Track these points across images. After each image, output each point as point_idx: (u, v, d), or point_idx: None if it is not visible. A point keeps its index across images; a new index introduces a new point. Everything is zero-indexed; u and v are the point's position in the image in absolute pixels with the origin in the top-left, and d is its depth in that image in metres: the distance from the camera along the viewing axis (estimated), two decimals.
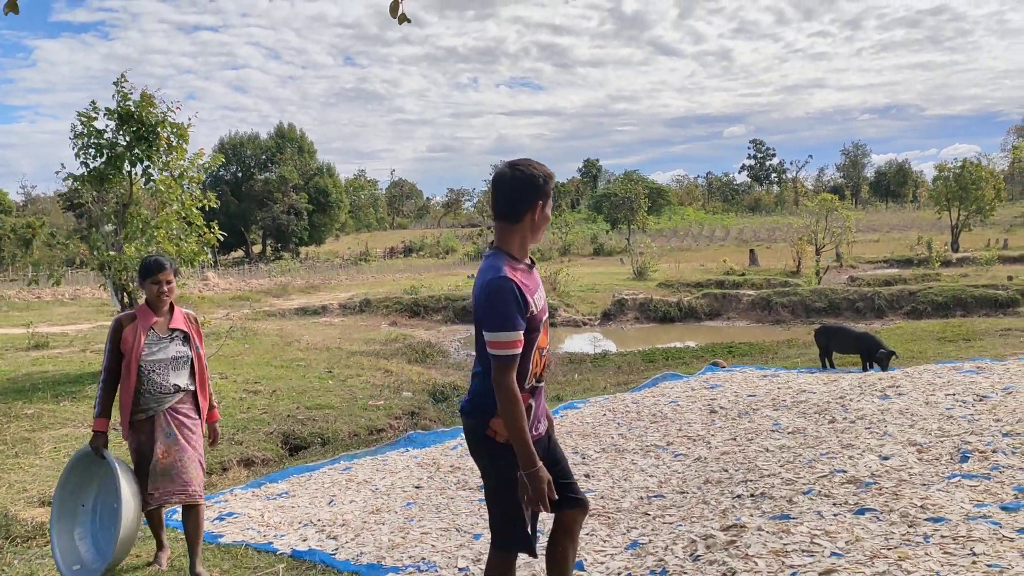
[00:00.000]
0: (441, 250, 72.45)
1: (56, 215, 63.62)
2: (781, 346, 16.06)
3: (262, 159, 71.05)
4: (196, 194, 11.94)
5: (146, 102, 11.43)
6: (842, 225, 36.03)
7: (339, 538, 4.87)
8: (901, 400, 6.60)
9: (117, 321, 4.30)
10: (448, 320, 24.55)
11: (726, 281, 28.62)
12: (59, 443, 8.14)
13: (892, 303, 22.18)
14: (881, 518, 3.91)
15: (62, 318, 22.31)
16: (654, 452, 6.21)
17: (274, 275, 44.21)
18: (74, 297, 29.69)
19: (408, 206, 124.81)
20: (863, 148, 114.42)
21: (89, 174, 11.60)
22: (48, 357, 14.08)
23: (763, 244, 57.87)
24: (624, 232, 71.13)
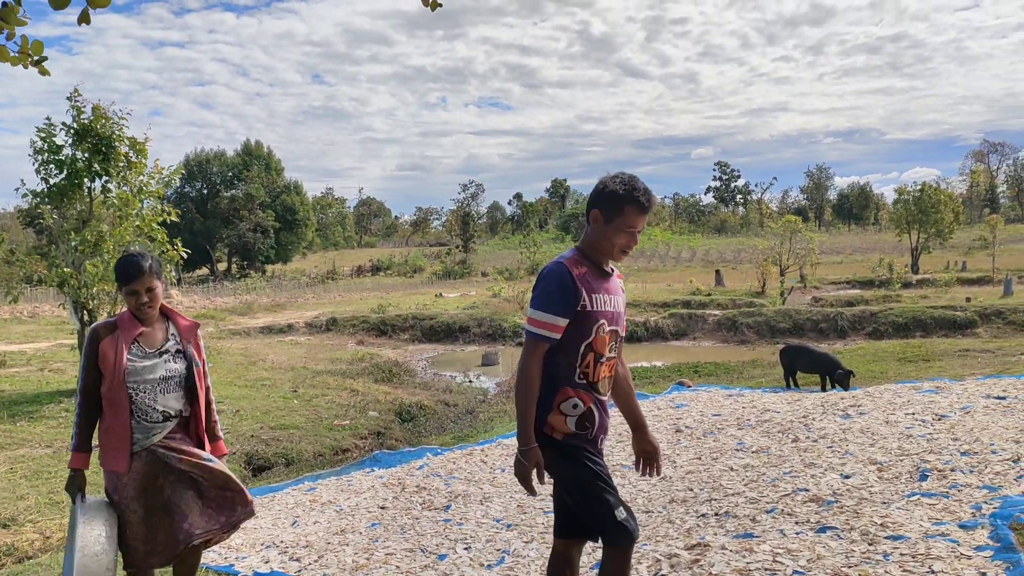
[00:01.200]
0: (409, 269, 72.28)
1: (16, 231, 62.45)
2: (746, 366, 16.20)
3: (228, 176, 70.44)
4: (157, 208, 11.81)
5: (98, 115, 11.31)
6: (806, 247, 36.59)
7: (302, 560, 4.81)
8: (862, 419, 6.69)
9: (94, 331, 3.44)
10: (415, 339, 24.45)
11: (692, 301, 28.84)
12: (15, 463, 7.96)
13: (854, 324, 22.50)
14: (842, 536, 3.96)
15: (20, 336, 21.85)
16: (620, 471, 6.22)
17: (239, 293, 43.75)
18: (33, 315, 29.11)
19: (376, 224, 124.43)
20: (826, 171, 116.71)
21: (50, 190, 11.44)
22: (5, 376, 13.78)
23: (729, 265, 58.52)
24: None
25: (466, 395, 14.50)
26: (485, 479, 6.46)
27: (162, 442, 3.42)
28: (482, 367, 19.21)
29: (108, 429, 3.40)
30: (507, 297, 29.83)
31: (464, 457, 7.42)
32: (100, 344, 3.40)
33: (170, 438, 3.45)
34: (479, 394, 14.80)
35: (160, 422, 3.42)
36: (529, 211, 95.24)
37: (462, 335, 24.45)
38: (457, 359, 21.26)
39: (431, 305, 30.90)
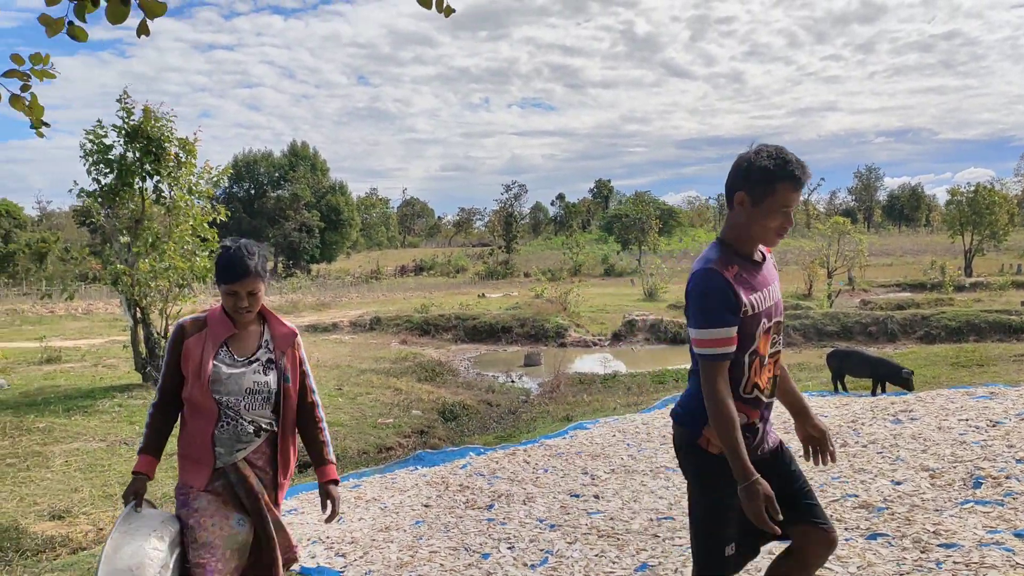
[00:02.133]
0: (452, 269, 72.65)
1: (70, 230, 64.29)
2: (792, 369, 15.98)
3: (275, 177, 71.59)
4: (207, 208, 12.04)
5: (148, 117, 11.56)
6: (854, 248, 35.93)
7: (348, 556, 4.86)
8: (914, 425, 6.55)
9: (179, 328, 3.02)
10: (458, 339, 24.56)
11: None
12: (70, 457, 8.17)
13: (905, 327, 22.06)
14: (893, 543, 3.88)
15: (75, 332, 22.44)
16: (664, 473, 6.18)
17: (285, 292, 44.40)
18: (87, 312, 29.87)
19: (419, 225, 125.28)
20: (876, 171, 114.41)
21: (101, 190, 11.73)
22: (60, 371, 14.17)
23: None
24: (635, 253, 71.15)
25: (508, 395, 14.53)
26: (528, 479, 6.47)
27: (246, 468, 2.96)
28: (524, 367, 19.23)
29: (188, 437, 2.98)
30: (550, 298, 29.83)
31: (507, 457, 7.43)
32: (185, 342, 2.97)
33: (254, 464, 2.99)
34: (521, 394, 14.81)
35: (247, 437, 2.96)
36: (572, 212, 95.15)
37: (504, 335, 24.50)
38: (499, 359, 21.31)
39: (474, 305, 31.01)
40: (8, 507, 6.48)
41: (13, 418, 9.65)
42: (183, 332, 2.99)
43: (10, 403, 10.79)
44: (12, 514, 6.28)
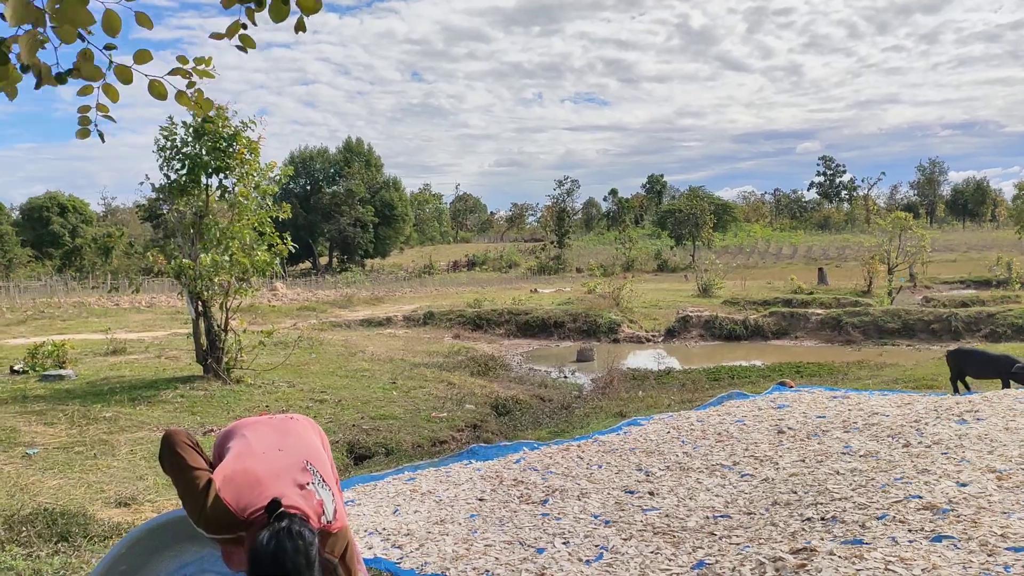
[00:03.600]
0: (504, 264, 72.77)
1: (134, 226, 66.05)
2: (852, 367, 15.65)
3: (330, 172, 72.56)
4: (269, 205, 12.27)
5: (220, 115, 11.82)
6: (916, 244, 34.99)
7: (404, 547, 4.92)
8: (980, 425, 6.37)
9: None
10: (510, 334, 24.61)
11: (794, 299, 28.04)
12: (135, 445, 8.41)
13: (969, 325, 21.43)
14: (959, 546, 3.79)
15: (138, 325, 23.08)
16: (720, 471, 6.12)
17: (340, 286, 45.00)
18: (150, 304, 30.68)
19: (472, 220, 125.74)
20: (939, 165, 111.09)
21: (171, 185, 12.04)
22: (125, 362, 14.58)
23: (832, 263, 56.60)
24: (688, 248, 70.39)
25: (561, 390, 14.51)
26: (582, 475, 6.46)
27: None
28: (577, 363, 19.18)
29: None
30: (602, 293, 29.67)
31: (560, 452, 7.43)
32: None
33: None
34: (574, 390, 14.78)
35: None
36: (625, 207, 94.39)
37: (557, 330, 24.47)
38: (552, 354, 21.29)
39: (526, 300, 31.03)
40: (76, 494, 6.70)
41: (81, 407, 9.97)
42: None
43: (78, 393, 11.14)
44: (80, 500, 6.49)
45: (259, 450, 2.69)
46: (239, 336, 12.49)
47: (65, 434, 8.74)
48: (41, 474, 7.20)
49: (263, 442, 2.74)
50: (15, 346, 16.58)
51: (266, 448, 2.71)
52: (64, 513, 5.87)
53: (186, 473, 2.60)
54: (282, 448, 2.72)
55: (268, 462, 2.63)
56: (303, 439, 2.85)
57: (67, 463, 7.61)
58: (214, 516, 2.49)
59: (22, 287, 37.77)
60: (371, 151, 75.98)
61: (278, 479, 2.56)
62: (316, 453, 2.79)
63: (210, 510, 2.49)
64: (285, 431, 2.86)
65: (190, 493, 2.55)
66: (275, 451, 2.69)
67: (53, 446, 8.21)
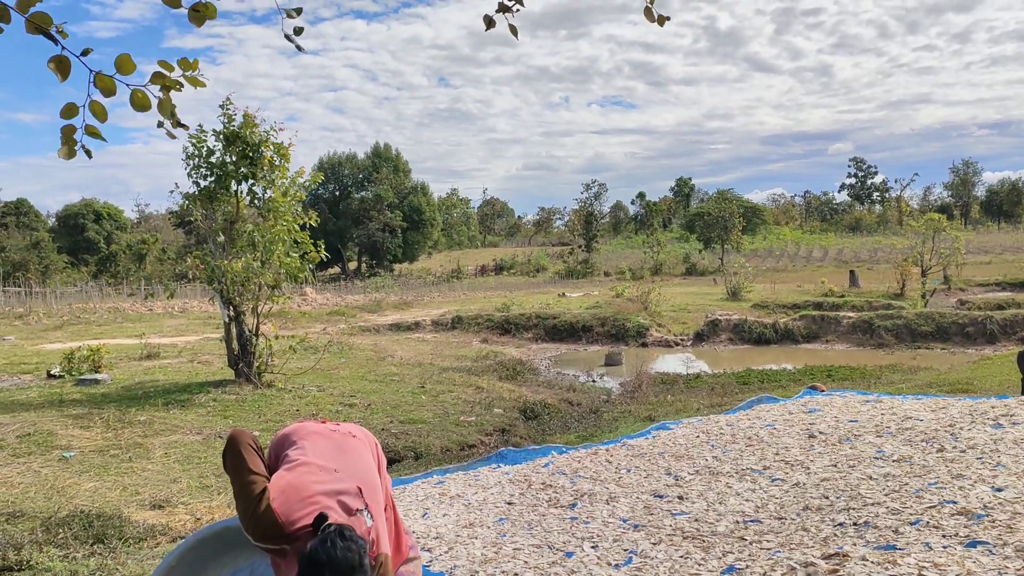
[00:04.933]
0: (532, 268, 72.74)
1: (167, 232, 66.98)
2: (884, 371, 15.47)
3: (359, 178, 73.05)
4: (299, 212, 12.40)
5: (249, 123, 11.97)
6: (950, 246, 34.47)
7: (433, 551, 4.94)
8: (1016, 430, 6.27)
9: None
10: (539, 338, 24.61)
11: (824, 303, 27.75)
12: (169, 448, 8.53)
13: (1005, 328, 21.07)
14: (994, 552, 3.73)
15: (171, 330, 23.40)
16: (750, 476, 6.08)
17: (369, 291, 45.29)
18: (183, 310, 31.09)
19: (499, 224, 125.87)
20: (974, 166, 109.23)
21: (200, 192, 12.21)
22: (159, 367, 14.80)
23: (864, 265, 55.91)
24: (717, 252, 69.86)
25: (589, 394, 14.49)
26: (611, 479, 6.45)
27: None
28: (605, 367, 19.14)
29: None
30: (630, 297, 29.58)
31: (589, 456, 7.42)
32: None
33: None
34: (603, 394, 14.75)
35: None
36: (653, 210, 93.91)
37: (585, 335, 24.43)
38: (580, 358, 21.26)
39: (554, 304, 31.02)
40: (112, 496, 6.82)
41: (116, 411, 10.13)
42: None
43: (113, 397, 11.33)
44: (116, 503, 6.60)
45: (316, 465, 2.71)
46: (270, 341, 12.63)
47: (101, 437, 8.89)
48: (77, 477, 7.33)
49: (321, 457, 2.76)
50: (52, 351, 16.89)
51: (323, 464, 2.72)
52: (100, 515, 5.98)
53: (244, 476, 2.65)
54: (338, 469, 2.72)
55: (322, 480, 2.65)
56: (360, 461, 2.86)
57: (103, 466, 7.75)
58: (262, 523, 2.53)
59: (58, 293, 38.45)
60: (399, 156, 76.39)
61: (329, 499, 2.59)
62: (370, 478, 2.80)
63: (259, 517, 2.53)
64: (343, 449, 2.86)
65: (244, 496, 2.59)
66: (331, 470, 2.70)
67: (89, 449, 8.35)
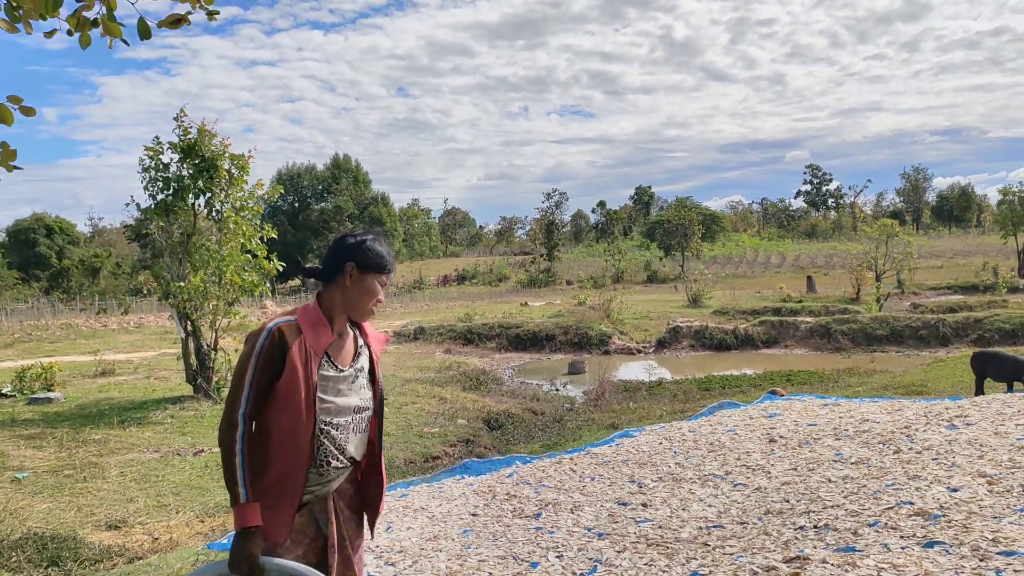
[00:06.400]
0: (494, 278, 72.78)
1: (121, 246, 65.81)
2: (842, 374, 15.72)
3: (318, 189, 72.63)
4: (256, 225, 12.26)
5: (204, 135, 11.82)
6: (903, 251, 35.23)
7: (397, 564, 4.90)
8: (969, 430, 6.40)
9: (275, 334, 2.36)
10: (502, 348, 24.59)
11: (783, 308, 28.15)
12: (125, 467, 8.35)
13: (957, 331, 21.55)
14: (951, 551, 3.80)
15: (127, 345, 22.95)
16: (712, 481, 6.13)
17: None
18: (139, 325, 30.53)
19: (461, 234, 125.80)
20: (923, 172, 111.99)
21: (156, 206, 12.01)
22: (114, 384, 14.50)
23: (820, 271, 56.87)
24: (678, 259, 70.58)
25: (553, 403, 14.51)
26: (575, 488, 6.46)
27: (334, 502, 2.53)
28: (569, 375, 19.19)
29: (273, 476, 2.37)
30: (592, 305, 29.72)
31: (553, 466, 7.42)
32: (288, 353, 2.36)
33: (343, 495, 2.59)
34: (566, 402, 14.77)
35: (344, 468, 2.51)
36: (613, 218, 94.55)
37: (548, 343, 24.47)
38: (543, 367, 21.29)
39: (516, 314, 31.03)
40: (66, 517, 6.65)
41: (70, 430, 9.90)
42: (283, 340, 2.36)
43: (67, 416, 11.07)
44: (70, 524, 6.44)
45: None
46: (229, 355, 12.45)
47: (54, 457, 8.68)
48: (31, 498, 7.14)
49: None
50: (2, 369, 16.46)
51: None
52: (54, 537, 5.83)
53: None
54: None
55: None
56: None
57: (57, 487, 7.56)
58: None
59: (9, 310, 37.55)
60: (359, 167, 76.09)
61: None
62: None
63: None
64: None
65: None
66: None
67: (42, 470, 8.14)
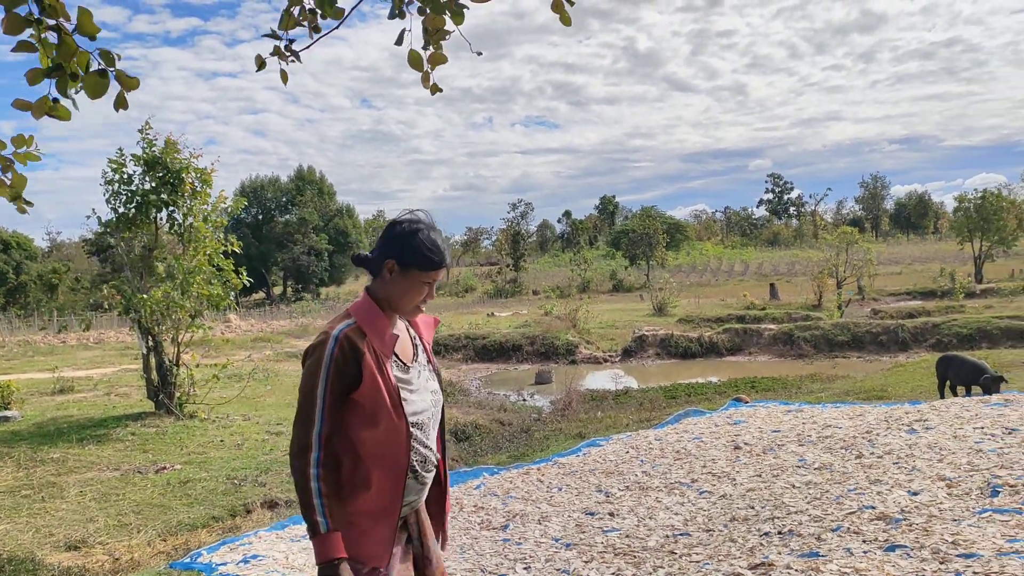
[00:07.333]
0: (460, 289, 72.62)
1: (80, 260, 64.61)
2: (805, 380, 15.91)
3: (282, 201, 72.01)
4: (220, 238, 12.10)
5: (171, 148, 11.67)
6: (863, 258, 35.85)
7: None
8: (929, 434, 6.52)
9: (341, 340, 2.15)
10: (468, 359, 24.54)
11: (747, 316, 28.46)
12: (85, 487, 8.18)
13: (916, 336, 21.95)
14: (912, 554, 3.86)
15: (86, 362, 22.52)
16: (679, 489, 6.16)
17: (295, 316, 44.47)
18: (98, 341, 29.98)
19: None
20: (881, 180, 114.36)
21: (119, 219, 11.81)
22: (73, 401, 14.21)
23: (783, 278, 57.61)
24: (643, 268, 71.06)
25: (520, 414, 14.49)
26: (543, 498, 6.46)
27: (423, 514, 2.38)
28: (536, 385, 19.20)
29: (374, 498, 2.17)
30: (559, 315, 29.79)
31: (520, 476, 7.42)
32: (363, 360, 2.14)
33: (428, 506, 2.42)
34: (533, 412, 14.77)
35: (434, 468, 2.35)
36: (579, 228, 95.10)
37: (515, 353, 24.48)
38: (511, 378, 21.28)
39: (483, 324, 31.00)
40: (24, 538, 6.50)
41: (27, 449, 9.68)
42: (353, 347, 2.14)
43: (24, 434, 10.82)
44: (28, 545, 6.30)
45: None
46: (191, 370, 12.25)
47: (12, 477, 8.48)
48: None
49: None
50: None
51: None
52: (11, 559, 5.69)
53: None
54: None
55: None
56: None
57: (14, 507, 7.38)
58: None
59: None
60: (323, 179, 75.63)
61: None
62: None
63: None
64: None
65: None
66: None
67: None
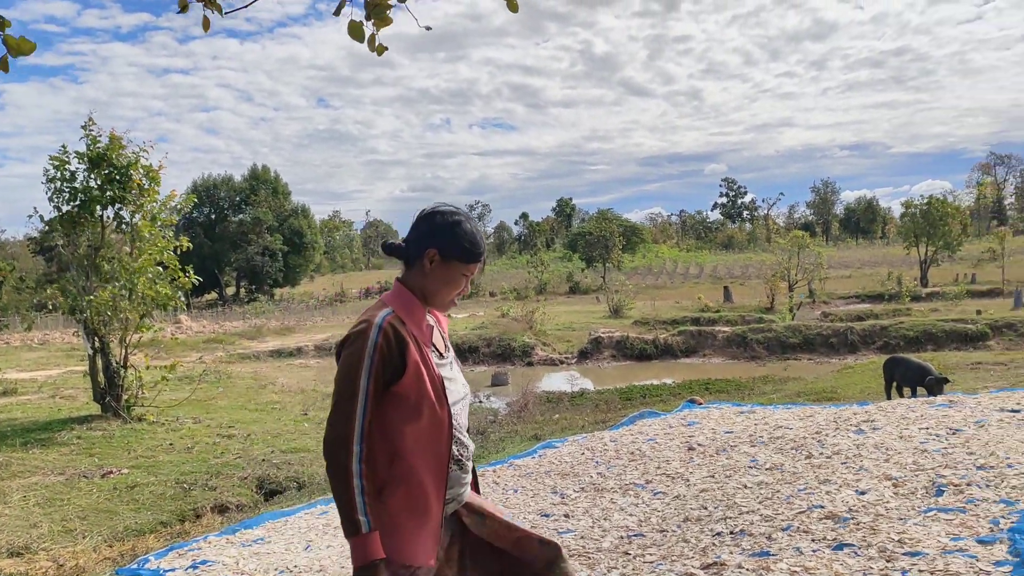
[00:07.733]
0: None
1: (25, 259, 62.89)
2: (757, 382, 16.15)
3: (236, 201, 70.90)
4: (169, 236, 11.88)
5: (116, 144, 11.42)
6: (814, 261, 36.53)
7: None
8: (876, 434, 6.65)
9: (385, 328, 2.05)
10: None
11: (701, 318, 28.80)
12: (28, 491, 7.97)
13: (865, 338, 22.43)
14: (859, 553, 3.93)
15: (31, 363, 21.94)
16: (633, 491, 6.19)
17: (248, 317, 43.86)
18: (43, 342, 29.22)
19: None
20: (832, 185, 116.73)
21: (62, 218, 11.52)
22: (16, 404, 13.83)
23: (737, 281, 58.40)
24: (599, 270, 71.49)
25: (476, 416, 14.47)
26: (498, 500, 6.44)
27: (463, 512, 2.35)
28: (492, 387, 19.19)
29: (418, 494, 2.08)
30: (516, 316, 29.82)
31: None
32: (407, 349, 2.07)
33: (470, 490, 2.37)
34: (489, 414, 14.76)
35: (471, 461, 2.29)
36: (536, 230, 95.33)
37: (471, 355, 24.44)
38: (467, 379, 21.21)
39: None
40: None
41: None
42: (398, 336, 2.06)
43: None
44: None
45: None
46: (140, 372, 12.01)
47: None
48: None
49: None
50: None
51: None
52: None
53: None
54: None
55: None
56: None
57: None
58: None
59: None
60: (278, 178, 74.64)
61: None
62: None
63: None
64: None
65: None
66: None
67: None
